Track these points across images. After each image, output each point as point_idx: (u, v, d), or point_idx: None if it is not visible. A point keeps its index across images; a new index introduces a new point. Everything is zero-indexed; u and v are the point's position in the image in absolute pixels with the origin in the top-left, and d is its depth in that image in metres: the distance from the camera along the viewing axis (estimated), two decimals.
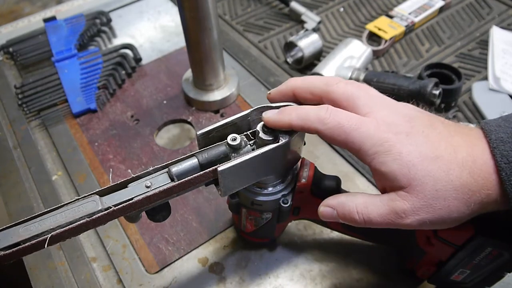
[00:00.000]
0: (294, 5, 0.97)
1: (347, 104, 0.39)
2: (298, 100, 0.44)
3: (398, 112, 0.39)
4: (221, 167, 0.39)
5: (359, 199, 0.39)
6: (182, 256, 0.61)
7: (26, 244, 0.34)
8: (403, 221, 0.37)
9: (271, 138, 0.42)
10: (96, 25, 0.96)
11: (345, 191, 0.53)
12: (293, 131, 0.42)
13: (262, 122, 0.42)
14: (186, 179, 0.39)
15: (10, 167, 0.73)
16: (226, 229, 0.63)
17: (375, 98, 0.40)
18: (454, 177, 0.35)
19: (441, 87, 0.70)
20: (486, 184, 0.35)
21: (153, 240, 0.62)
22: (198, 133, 0.42)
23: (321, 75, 0.79)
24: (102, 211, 0.37)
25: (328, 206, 0.42)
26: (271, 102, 0.45)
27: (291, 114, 0.40)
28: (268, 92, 0.46)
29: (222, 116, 0.80)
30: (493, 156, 0.35)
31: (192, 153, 0.42)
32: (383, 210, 0.38)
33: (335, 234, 0.62)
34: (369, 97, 0.39)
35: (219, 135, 0.44)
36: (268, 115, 0.41)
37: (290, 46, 0.88)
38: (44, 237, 0.35)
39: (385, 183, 0.38)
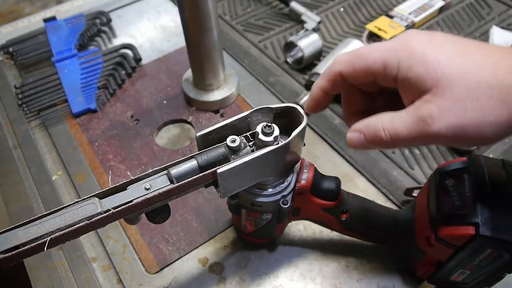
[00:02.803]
0: (294, 5, 0.97)
1: None
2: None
3: (419, 32, 0.36)
4: (221, 169, 0.39)
5: (385, 116, 0.36)
6: (182, 256, 0.61)
7: (26, 247, 0.34)
8: (431, 129, 0.32)
9: (270, 140, 0.42)
10: (96, 25, 0.96)
11: (345, 192, 0.54)
12: (292, 133, 0.42)
13: (262, 124, 0.42)
14: (185, 181, 0.39)
15: (10, 167, 0.73)
16: (226, 229, 0.63)
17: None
18: (487, 73, 0.31)
19: None
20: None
21: (153, 240, 0.62)
22: (197, 134, 0.42)
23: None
24: (102, 214, 0.37)
25: (356, 130, 0.37)
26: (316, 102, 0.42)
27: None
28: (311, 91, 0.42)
29: (222, 116, 0.80)
30: None
31: (191, 155, 0.42)
32: (409, 120, 0.34)
33: (335, 234, 0.62)
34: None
35: (218, 136, 0.44)
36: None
37: (290, 46, 0.88)
38: (44, 240, 0.35)
39: (414, 94, 0.34)
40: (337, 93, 0.42)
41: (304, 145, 0.47)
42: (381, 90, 0.41)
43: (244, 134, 0.44)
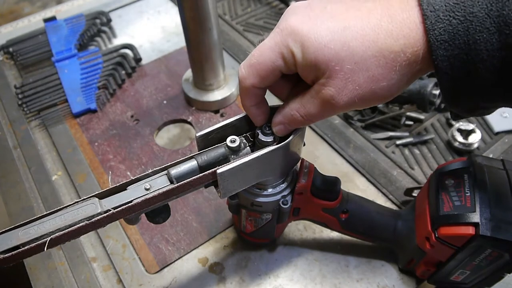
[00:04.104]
0: None
1: None
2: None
3: (298, 2, 0.37)
4: (221, 169, 0.39)
5: (295, 104, 0.39)
6: (182, 256, 0.61)
7: (26, 247, 0.35)
8: (336, 106, 0.35)
9: (270, 140, 0.42)
10: (96, 25, 0.96)
11: (345, 192, 0.54)
12: (292, 132, 0.42)
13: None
14: (185, 181, 0.39)
15: (10, 167, 0.73)
16: (226, 229, 0.63)
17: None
18: (369, 42, 0.33)
19: None
20: (409, 42, 0.32)
21: (153, 240, 0.62)
22: (197, 135, 0.42)
23: None
24: (102, 214, 0.37)
25: (279, 123, 0.41)
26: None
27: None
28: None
29: (222, 116, 0.80)
30: (420, 6, 0.32)
31: (191, 155, 0.42)
32: (316, 103, 0.37)
33: (335, 234, 0.62)
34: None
35: (218, 136, 0.44)
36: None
37: None
38: (44, 240, 0.35)
39: (312, 77, 0.36)
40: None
41: (304, 145, 0.47)
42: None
43: (244, 134, 0.44)
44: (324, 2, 0.36)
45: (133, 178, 0.40)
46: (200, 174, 0.40)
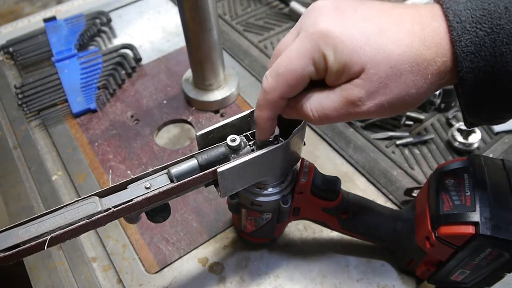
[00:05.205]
0: (294, 5, 0.97)
1: None
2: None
3: (321, 3, 0.36)
4: (221, 168, 0.39)
5: (313, 96, 0.37)
6: (182, 256, 0.61)
7: (26, 245, 0.35)
8: (360, 109, 0.34)
9: (270, 139, 0.42)
10: (96, 25, 0.96)
11: (345, 191, 0.54)
12: (292, 133, 0.42)
13: None
14: (185, 180, 0.39)
15: (10, 167, 0.73)
16: (226, 229, 0.63)
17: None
18: (405, 47, 0.32)
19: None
20: (440, 51, 0.32)
21: (153, 240, 0.62)
22: (197, 134, 0.42)
23: None
24: (102, 213, 0.37)
25: (291, 108, 0.39)
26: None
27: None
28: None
29: (222, 116, 0.80)
30: (445, 17, 0.32)
31: (192, 154, 0.42)
32: (338, 102, 0.35)
33: (335, 234, 0.62)
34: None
35: (218, 136, 0.44)
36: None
37: None
38: (44, 238, 0.35)
39: (342, 78, 0.35)
40: None
41: (304, 144, 0.47)
42: None
43: (244, 134, 0.44)
44: (354, 5, 0.35)
45: (133, 177, 0.40)
46: (200, 173, 0.40)
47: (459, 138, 0.69)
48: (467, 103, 0.33)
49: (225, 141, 0.42)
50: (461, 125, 0.70)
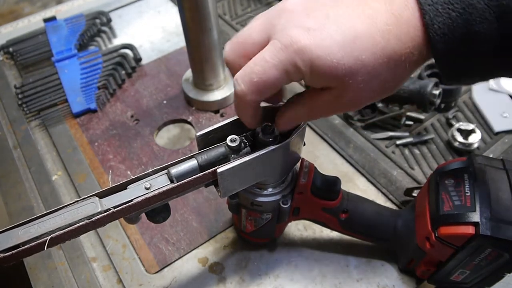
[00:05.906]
0: None
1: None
2: None
3: (291, 4, 0.35)
4: (221, 169, 0.39)
5: (301, 108, 0.39)
6: (182, 256, 0.61)
7: (26, 246, 0.35)
8: (347, 110, 0.38)
9: (270, 139, 0.42)
10: (96, 25, 0.96)
11: (345, 191, 0.54)
12: (292, 132, 0.42)
13: (262, 123, 0.42)
14: (185, 180, 0.39)
15: (10, 167, 0.73)
16: (226, 229, 0.63)
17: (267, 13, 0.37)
18: (381, 51, 0.32)
19: (441, 87, 0.70)
20: (416, 44, 0.32)
21: (153, 240, 0.62)
22: (197, 134, 0.42)
23: None
24: (102, 213, 0.37)
25: (283, 126, 0.41)
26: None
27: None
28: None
29: (222, 116, 0.80)
30: (417, 2, 0.32)
31: (192, 154, 0.42)
32: (327, 108, 0.37)
33: (335, 234, 0.62)
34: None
35: (218, 136, 0.44)
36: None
37: None
38: (44, 239, 0.35)
39: (321, 87, 0.36)
40: None
41: (304, 145, 0.47)
42: None
43: (244, 134, 0.44)
44: (324, 7, 0.34)
45: (133, 177, 0.40)
46: (200, 174, 0.40)
47: (459, 138, 0.69)
48: (445, 75, 0.35)
49: (225, 142, 0.42)
50: (461, 125, 0.70)
